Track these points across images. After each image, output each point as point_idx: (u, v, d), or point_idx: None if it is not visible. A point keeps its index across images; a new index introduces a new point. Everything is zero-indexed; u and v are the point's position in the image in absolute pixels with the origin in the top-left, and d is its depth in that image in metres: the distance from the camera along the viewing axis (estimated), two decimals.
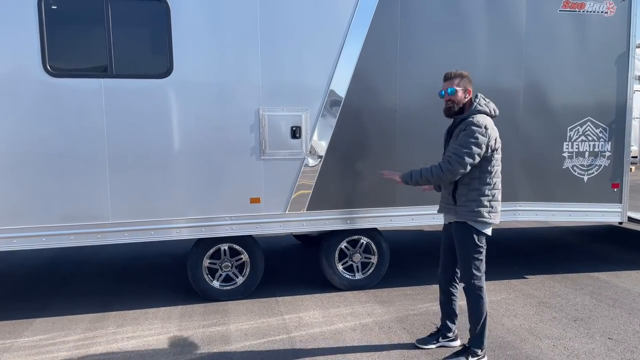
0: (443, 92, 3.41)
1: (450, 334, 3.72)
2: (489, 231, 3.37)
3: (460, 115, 3.41)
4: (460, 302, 3.63)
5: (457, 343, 3.72)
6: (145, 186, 4.29)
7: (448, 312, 3.70)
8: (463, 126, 3.31)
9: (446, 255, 3.62)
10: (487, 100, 3.41)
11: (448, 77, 3.40)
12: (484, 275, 3.41)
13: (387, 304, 4.61)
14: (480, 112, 3.33)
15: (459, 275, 3.58)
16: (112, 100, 4.15)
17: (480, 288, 3.38)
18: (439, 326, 3.77)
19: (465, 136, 3.26)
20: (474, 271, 3.36)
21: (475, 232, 3.33)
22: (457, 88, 3.36)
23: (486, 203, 3.30)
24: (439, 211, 3.64)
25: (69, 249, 5.45)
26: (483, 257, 3.38)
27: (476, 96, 3.39)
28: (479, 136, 3.22)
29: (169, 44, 4.21)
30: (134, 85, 4.21)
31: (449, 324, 3.71)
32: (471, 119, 3.28)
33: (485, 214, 3.30)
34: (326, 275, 4.94)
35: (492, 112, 3.39)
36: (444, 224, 3.64)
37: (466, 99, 3.39)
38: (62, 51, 4.07)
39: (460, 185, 3.37)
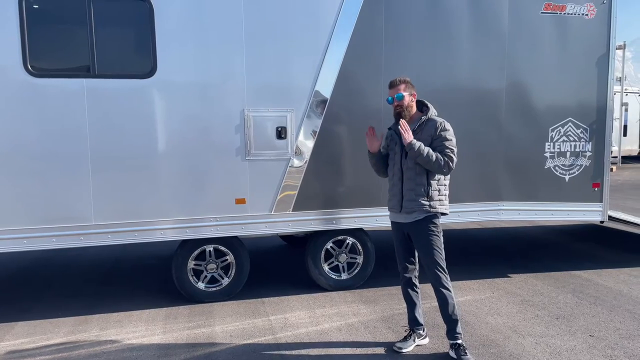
0: (391, 99, 3.55)
1: (422, 331, 3.77)
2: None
3: (414, 115, 3.55)
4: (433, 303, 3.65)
5: (427, 340, 3.80)
6: (129, 187, 4.25)
7: (415, 309, 3.74)
8: (434, 127, 3.45)
9: (405, 256, 3.69)
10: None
11: (394, 84, 3.54)
12: None
13: (373, 304, 4.63)
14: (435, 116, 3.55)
15: (417, 273, 3.72)
16: (95, 101, 4.11)
17: (447, 281, 3.51)
18: (411, 327, 3.78)
19: (449, 137, 3.47)
20: (443, 265, 3.50)
21: (439, 222, 3.52)
22: (404, 93, 3.50)
23: (445, 193, 3.55)
24: (404, 211, 3.52)
25: (52, 251, 5.37)
26: None
27: (422, 102, 3.59)
28: (454, 136, 3.51)
29: (153, 43, 4.18)
30: (117, 86, 4.17)
31: (418, 318, 3.75)
32: (441, 121, 3.48)
33: (447, 204, 3.57)
34: (312, 276, 4.94)
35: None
36: (397, 224, 3.65)
37: (412, 102, 3.56)
38: (43, 51, 4.02)
39: (432, 180, 3.47)
